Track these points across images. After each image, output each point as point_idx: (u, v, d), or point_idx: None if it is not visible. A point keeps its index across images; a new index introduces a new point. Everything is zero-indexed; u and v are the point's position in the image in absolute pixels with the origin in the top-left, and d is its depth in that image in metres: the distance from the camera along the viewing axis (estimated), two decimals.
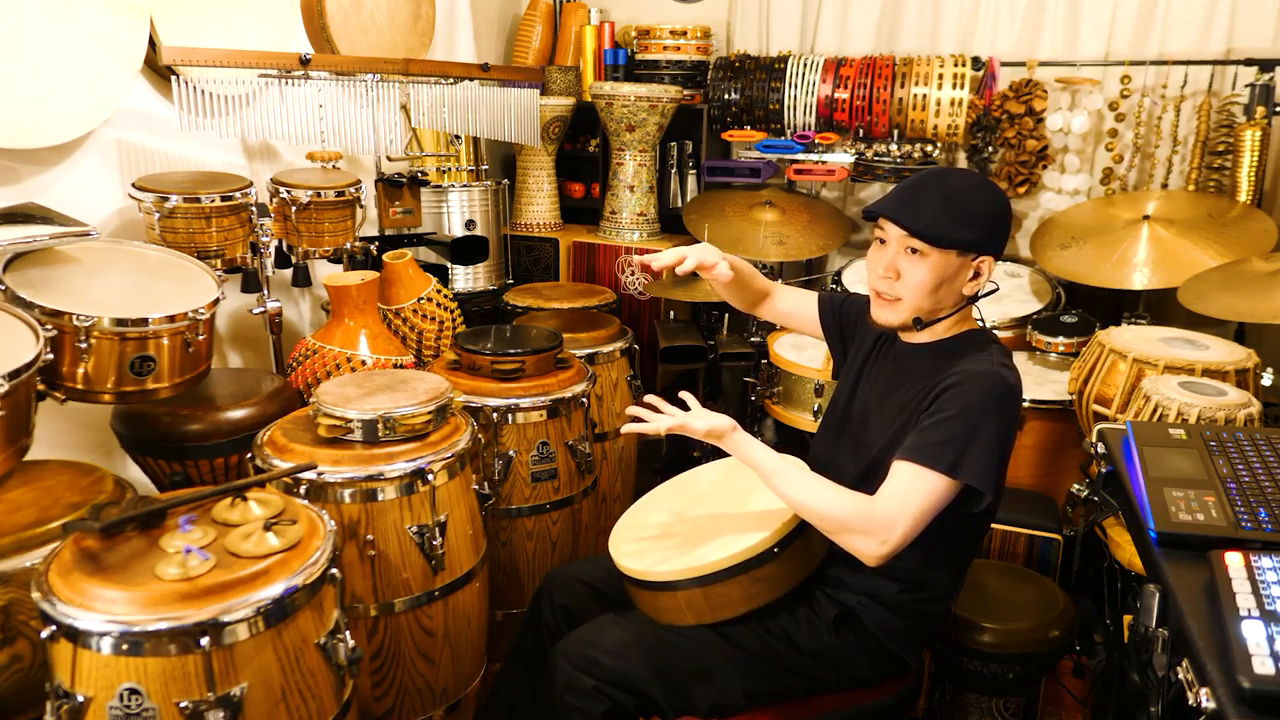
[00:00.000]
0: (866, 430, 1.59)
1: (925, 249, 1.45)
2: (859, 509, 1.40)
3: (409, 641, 1.73)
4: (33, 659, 1.38)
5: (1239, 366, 2.03)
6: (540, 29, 3.55)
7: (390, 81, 2.42)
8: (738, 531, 1.54)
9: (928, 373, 1.50)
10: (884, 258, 1.50)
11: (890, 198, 1.50)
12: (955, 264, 1.47)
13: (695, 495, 1.76)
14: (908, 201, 1.47)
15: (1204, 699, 0.92)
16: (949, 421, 1.39)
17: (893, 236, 1.48)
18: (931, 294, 1.48)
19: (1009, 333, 2.94)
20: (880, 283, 1.51)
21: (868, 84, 3.12)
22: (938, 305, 1.51)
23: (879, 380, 1.62)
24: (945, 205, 1.45)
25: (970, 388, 1.41)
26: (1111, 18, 3.01)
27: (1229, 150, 2.81)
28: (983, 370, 1.43)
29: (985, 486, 1.38)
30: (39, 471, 1.60)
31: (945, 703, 2.10)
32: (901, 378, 1.57)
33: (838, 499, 1.43)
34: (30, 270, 1.70)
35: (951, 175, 1.56)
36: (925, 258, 1.46)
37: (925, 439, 1.40)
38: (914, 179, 1.51)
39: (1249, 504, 1.19)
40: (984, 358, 1.47)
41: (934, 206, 1.45)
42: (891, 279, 1.49)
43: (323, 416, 1.71)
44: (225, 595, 1.22)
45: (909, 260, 1.47)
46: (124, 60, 2.08)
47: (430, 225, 2.84)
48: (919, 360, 1.55)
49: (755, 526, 1.53)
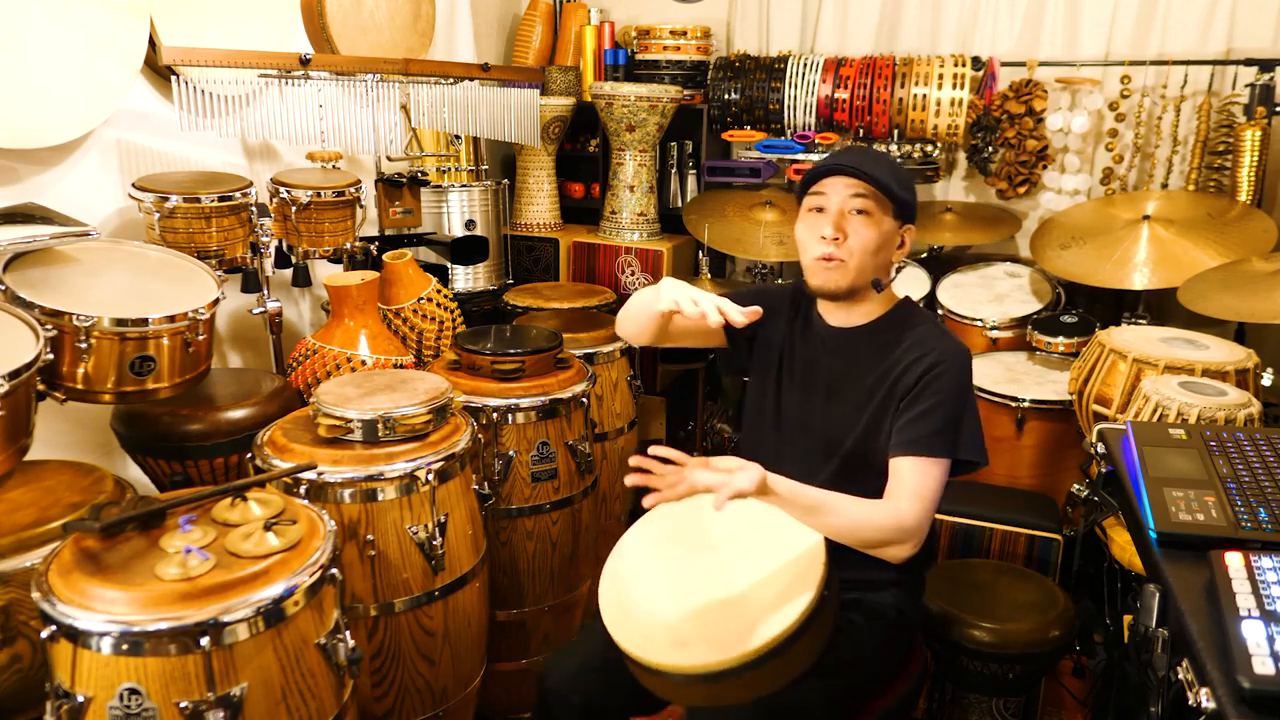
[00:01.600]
0: (824, 424, 1.56)
1: (872, 209, 1.47)
2: (894, 523, 1.39)
3: (409, 641, 1.73)
4: (33, 659, 1.38)
5: (1239, 366, 2.03)
6: (540, 29, 3.55)
7: (390, 81, 2.41)
8: (773, 591, 1.31)
9: (880, 354, 1.52)
10: (828, 220, 1.48)
11: (836, 159, 1.49)
12: (891, 228, 1.50)
13: (683, 551, 1.47)
14: (855, 159, 1.48)
15: (1204, 699, 0.92)
16: (942, 407, 1.43)
17: (836, 200, 1.48)
18: (875, 255, 1.49)
19: (1009, 333, 2.94)
20: (826, 246, 1.48)
21: (868, 84, 3.12)
22: (877, 270, 1.52)
23: (814, 371, 1.60)
24: (890, 167, 1.49)
25: (949, 366, 1.46)
26: (1111, 18, 3.01)
27: (1229, 150, 2.81)
28: (953, 347, 1.48)
29: (982, 457, 1.46)
30: (39, 471, 1.60)
31: (945, 703, 2.10)
32: (849, 365, 1.55)
33: (875, 517, 1.39)
34: (30, 270, 1.70)
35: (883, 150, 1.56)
36: (871, 217, 1.47)
37: (922, 429, 1.43)
38: (849, 147, 1.53)
39: (1249, 504, 1.19)
40: (935, 327, 1.53)
41: (880, 166, 1.48)
42: (841, 240, 1.48)
43: (323, 416, 1.71)
44: (225, 595, 1.22)
45: (857, 221, 1.48)
46: (124, 60, 2.08)
47: (430, 225, 2.84)
48: (861, 343, 1.56)
49: (790, 583, 1.31)
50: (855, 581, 1.51)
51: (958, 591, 2.02)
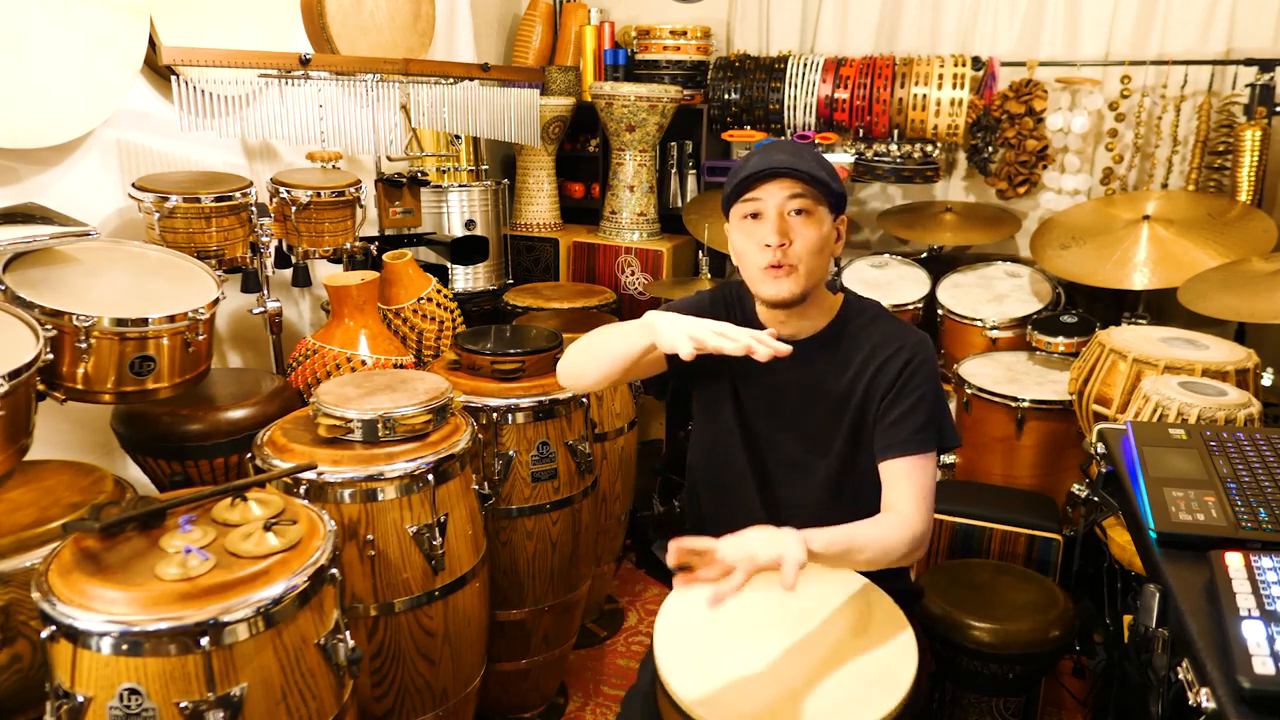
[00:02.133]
0: (801, 440, 1.52)
1: (810, 207, 1.40)
2: (910, 534, 1.37)
3: (409, 641, 1.73)
4: (33, 659, 1.38)
5: (1239, 366, 2.03)
6: (540, 29, 3.55)
7: (390, 81, 2.41)
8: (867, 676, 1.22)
9: (844, 360, 1.49)
10: (769, 226, 1.40)
11: (763, 160, 1.40)
12: (829, 222, 1.44)
13: (753, 638, 1.31)
14: (785, 157, 1.39)
15: (1204, 699, 0.92)
16: (924, 401, 1.44)
17: (773, 203, 1.40)
18: (819, 254, 1.43)
19: (1009, 333, 2.94)
20: (771, 254, 1.40)
21: (868, 84, 3.12)
22: (822, 269, 1.46)
23: (778, 388, 1.52)
24: (816, 158, 1.42)
25: (921, 358, 1.45)
26: (1111, 18, 3.01)
27: (1229, 150, 2.81)
28: (915, 338, 1.48)
29: (957, 440, 1.48)
30: (39, 471, 1.60)
31: (945, 703, 2.10)
32: (814, 378, 1.50)
33: (893, 536, 1.34)
34: (30, 270, 1.70)
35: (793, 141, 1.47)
36: (811, 215, 1.41)
37: (910, 428, 1.43)
38: (769, 145, 1.44)
39: (1249, 504, 1.19)
40: (890, 320, 1.52)
41: (810, 161, 1.41)
42: (786, 246, 1.40)
43: (323, 416, 1.71)
44: (225, 595, 1.22)
45: (798, 222, 1.41)
46: (124, 60, 2.08)
47: (430, 225, 2.84)
48: (821, 353, 1.49)
49: (878, 674, 1.22)
50: None
51: (958, 591, 2.02)
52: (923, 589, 1.93)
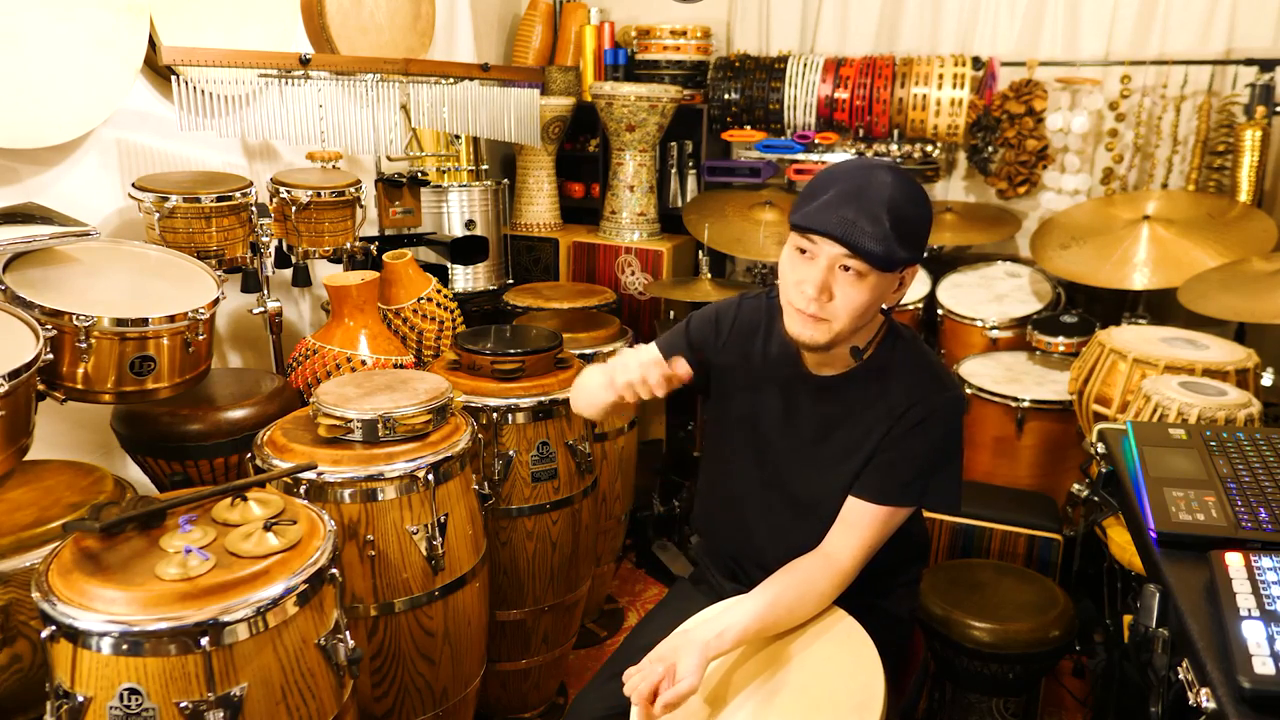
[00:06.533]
0: (813, 468, 1.46)
1: (865, 270, 1.25)
2: (838, 582, 1.36)
3: (409, 641, 1.73)
4: (33, 659, 1.38)
5: (1239, 366, 2.03)
6: (540, 29, 3.55)
7: (390, 81, 2.41)
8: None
9: (872, 402, 1.40)
10: (814, 274, 1.27)
11: (828, 212, 1.24)
12: (891, 281, 1.31)
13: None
14: (851, 217, 1.23)
15: (1204, 699, 0.92)
16: (918, 459, 1.36)
17: (826, 253, 1.26)
18: (860, 315, 1.30)
19: (1009, 333, 2.94)
20: (809, 304, 1.28)
21: (868, 84, 3.12)
22: (861, 324, 1.34)
23: (799, 413, 1.46)
24: (893, 223, 1.23)
25: (938, 419, 1.37)
26: (1111, 18, 3.01)
27: (1229, 150, 2.82)
28: (943, 399, 1.37)
29: (952, 509, 1.44)
30: (39, 471, 1.60)
31: (945, 703, 2.10)
32: (838, 414, 1.43)
33: (816, 591, 1.35)
34: (30, 270, 1.70)
35: (889, 181, 1.26)
36: (864, 279, 1.26)
37: (893, 479, 1.37)
38: (846, 186, 1.26)
39: (1249, 504, 1.19)
40: (928, 370, 1.40)
41: (880, 224, 1.22)
42: (824, 300, 1.28)
43: (323, 416, 1.71)
44: (225, 595, 1.22)
45: (845, 280, 1.27)
46: (124, 60, 2.08)
47: (430, 225, 2.84)
48: (851, 391, 1.42)
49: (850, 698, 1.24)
50: (852, 587, 1.50)
51: (958, 591, 2.02)
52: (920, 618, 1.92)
